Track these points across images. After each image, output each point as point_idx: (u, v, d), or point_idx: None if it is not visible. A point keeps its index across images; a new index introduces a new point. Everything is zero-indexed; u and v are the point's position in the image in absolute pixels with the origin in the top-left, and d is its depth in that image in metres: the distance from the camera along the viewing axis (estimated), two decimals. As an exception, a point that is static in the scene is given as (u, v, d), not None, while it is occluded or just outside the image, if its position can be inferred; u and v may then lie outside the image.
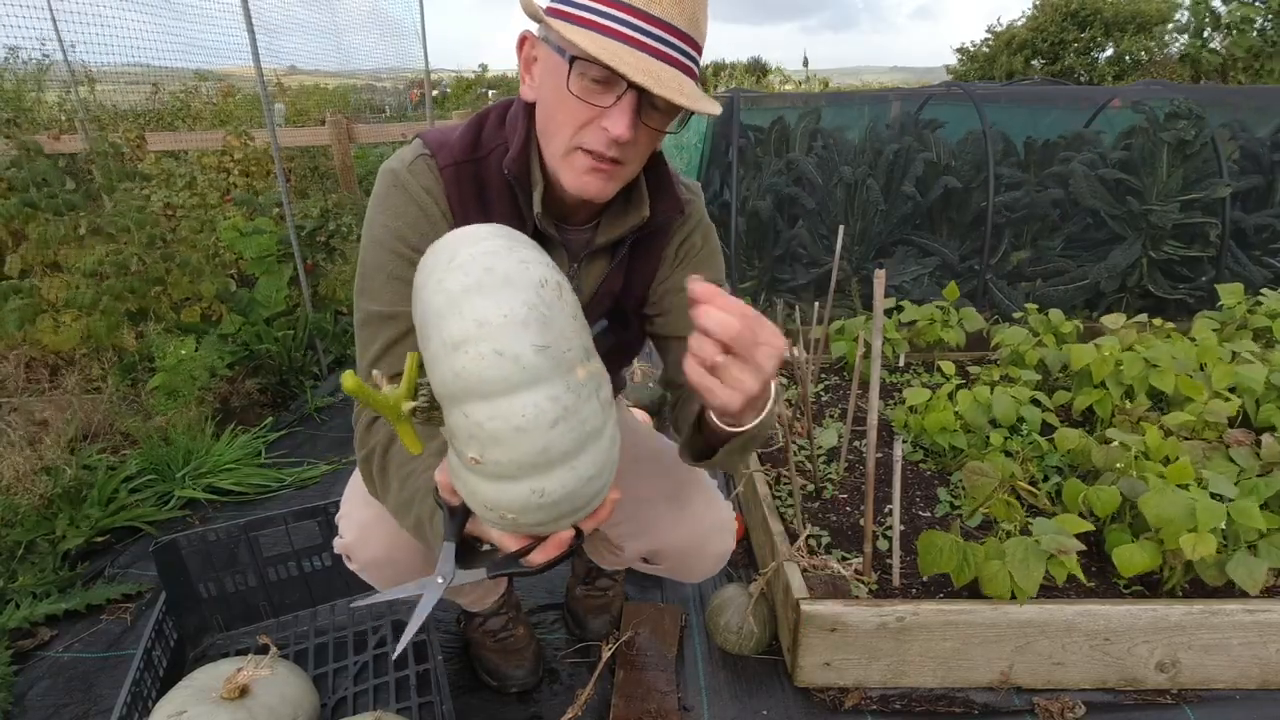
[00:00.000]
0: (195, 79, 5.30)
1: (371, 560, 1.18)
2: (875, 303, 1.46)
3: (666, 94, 0.83)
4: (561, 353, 0.66)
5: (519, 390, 0.64)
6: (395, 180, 1.02)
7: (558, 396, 0.66)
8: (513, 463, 0.66)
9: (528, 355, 0.64)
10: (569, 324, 0.69)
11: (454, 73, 11.25)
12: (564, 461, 0.67)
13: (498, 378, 0.64)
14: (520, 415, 0.64)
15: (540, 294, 0.67)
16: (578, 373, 0.68)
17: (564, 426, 0.66)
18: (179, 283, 2.64)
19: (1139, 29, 15.56)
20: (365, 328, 1.03)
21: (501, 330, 0.64)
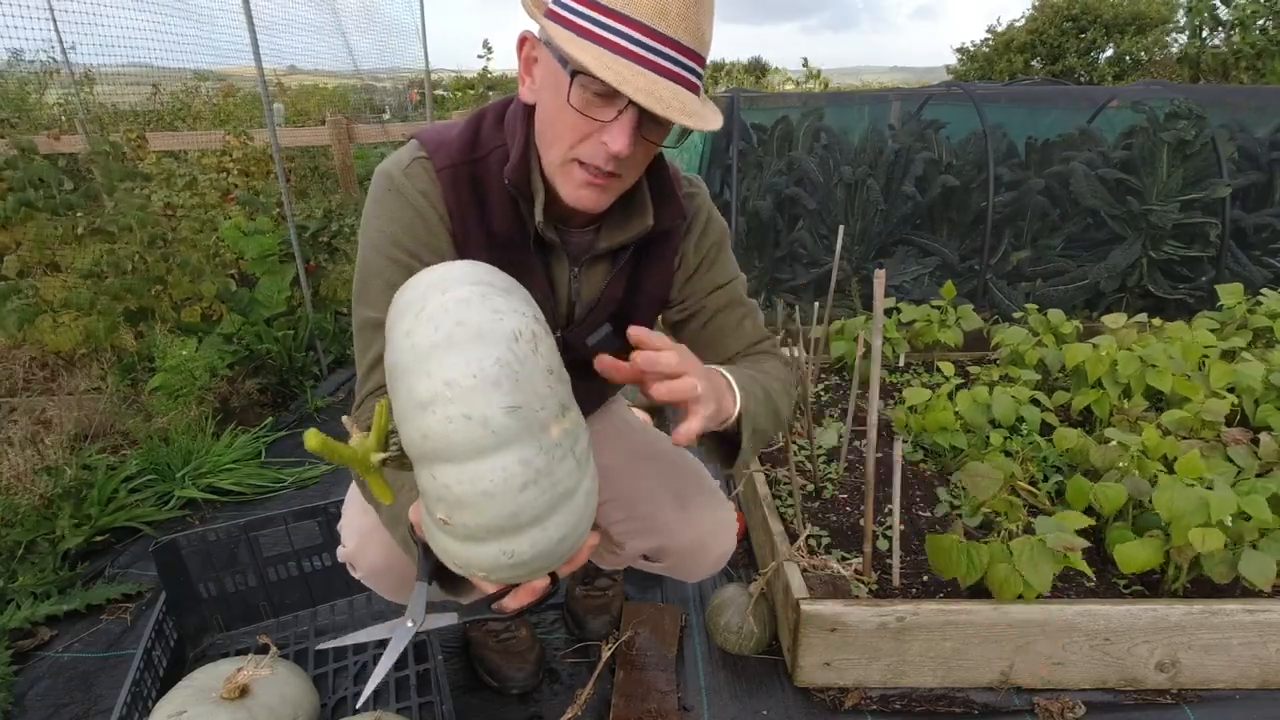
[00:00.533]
0: (195, 79, 5.30)
1: (372, 569, 1.18)
2: (875, 303, 1.46)
3: (670, 115, 0.82)
4: (534, 412, 0.63)
5: (487, 454, 0.62)
6: (391, 184, 1.00)
7: (528, 460, 0.63)
8: (480, 526, 0.64)
9: (497, 418, 0.61)
10: (543, 379, 0.66)
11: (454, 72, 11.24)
12: (535, 524, 0.65)
13: (465, 442, 0.61)
14: (488, 480, 0.62)
15: (514, 349, 0.63)
16: (551, 431, 0.65)
17: (534, 490, 0.64)
18: (179, 283, 2.64)
19: (1139, 30, 15.55)
20: (362, 333, 1.02)
21: (471, 392, 0.61)
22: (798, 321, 2.14)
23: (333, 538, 1.66)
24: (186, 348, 2.43)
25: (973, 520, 1.85)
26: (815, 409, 2.56)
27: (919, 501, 2.01)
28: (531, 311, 0.69)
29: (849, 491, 2.05)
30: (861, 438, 2.02)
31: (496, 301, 0.66)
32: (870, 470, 1.58)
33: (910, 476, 2.13)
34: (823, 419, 2.50)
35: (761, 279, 3.44)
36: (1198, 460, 1.62)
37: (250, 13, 2.67)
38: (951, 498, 2.00)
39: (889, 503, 1.62)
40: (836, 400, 2.66)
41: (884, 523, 1.87)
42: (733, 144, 3.41)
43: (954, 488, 2.05)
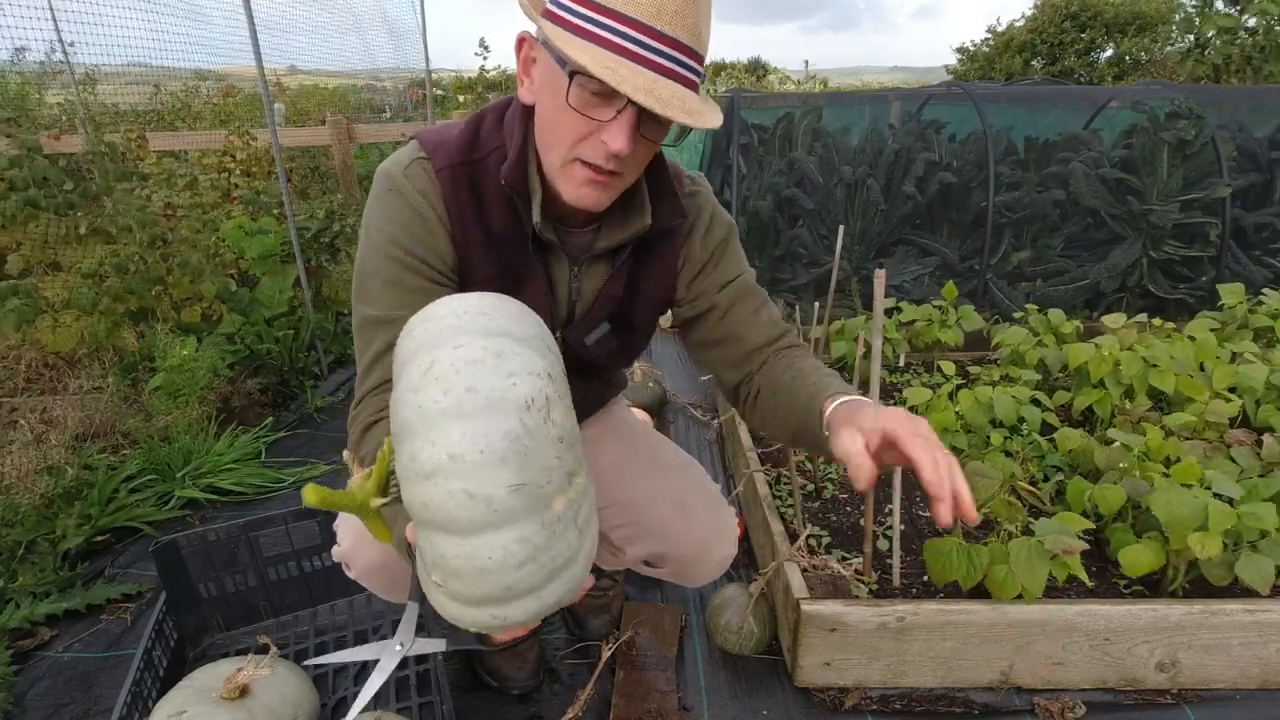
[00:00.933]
0: (195, 79, 5.30)
1: (367, 567, 1.18)
2: (875, 303, 1.46)
3: (669, 113, 0.82)
4: (538, 488, 0.61)
5: (486, 532, 0.60)
6: (391, 184, 1.00)
7: (528, 538, 0.61)
8: (474, 596, 0.63)
9: (501, 497, 0.59)
10: (552, 449, 0.63)
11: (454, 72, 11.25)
12: (529, 594, 0.64)
13: (466, 519, 0.59)
14: (486, 558, 0.60)
15: (524, 420, 0.60)
16: (555, 506, 0.63)
17: (531, 567, 0.62)
18: (179, 283, 2.64)
19: (1139, 30, 15.55)
20: (362, 332, 1.03)
21: (476, 469, 0.58)
22: (798, 321, 2.14)
23: (332, 538, 1.66)
24: (188, 348, 2.43)
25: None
26: (815, 409, 2.56)
27: (919, 501, 2.01)
28: (546, 365, 0.66)
29: (849, 491, 2.05)
30: (862, 438, 2.01)
31: (512, 363, 0.62)
32: (870, 470, 1.57)
33: (911, 476, 2.12)
34: (823, 419, 2.49)
35: (761, 279, 3.43)
36: (1194, 464, 1.61)
37: (251, 12, 2.67)
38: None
39: (889, 503, 1.62)
40: (837, 400, 2.65)
41: (884, 523, 1.87)
42: (733, 144, 3.41)
43: (954, 488, 2.05)
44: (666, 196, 1.07)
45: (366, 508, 0.68)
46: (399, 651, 0.80)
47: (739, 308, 1.17)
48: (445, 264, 1.03)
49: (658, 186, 1.07)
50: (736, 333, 1.17)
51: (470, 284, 1.06)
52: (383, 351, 1.00)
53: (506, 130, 1.01)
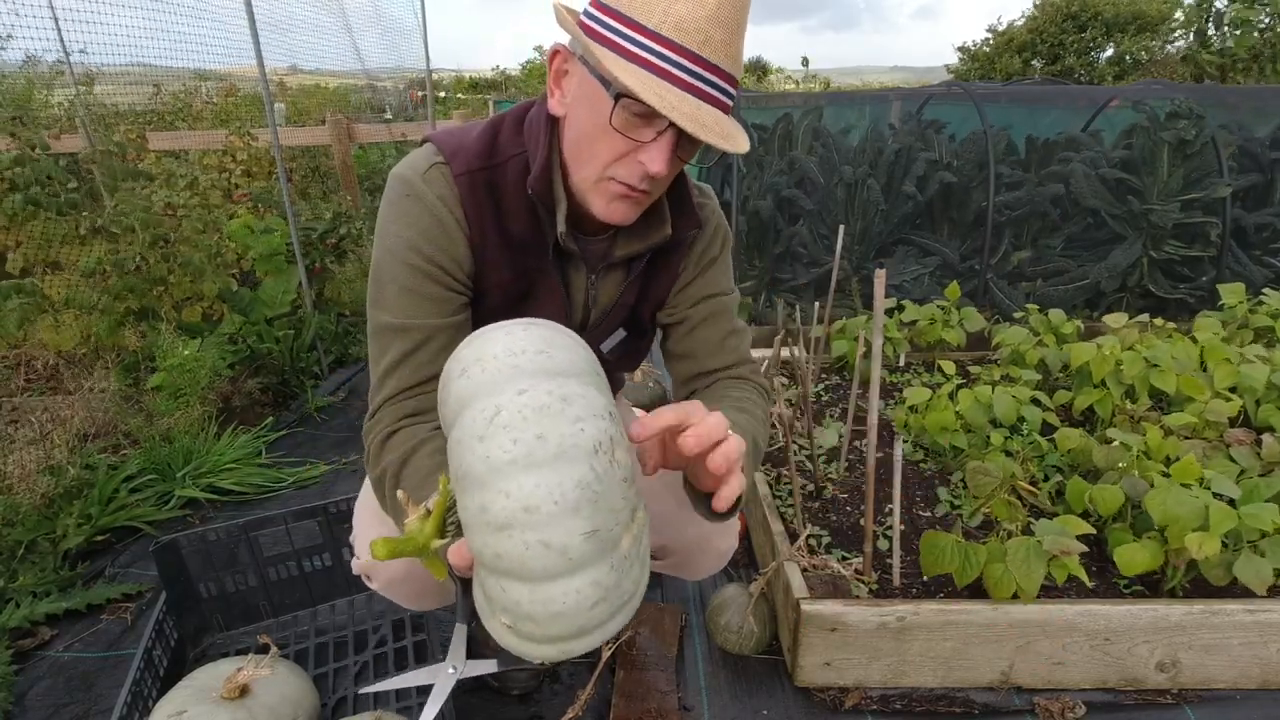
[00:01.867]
0: (196, 78, 5.30)
1: (391, 580, 1.17)
2: (875, 302, 1.46)
3: (712, 140, 0.82)
4: (609, 530, 0.62)
5: (561, 579, 0.60)
6: (409, 189, 0.98)
7: (600, 581, 0.62)
8: (546, 636, 0.63)
9: (576, 545, 0.59)
10: (620, 491, 0.63)
11: (454, 72, 11.25)
12: (596, 630, 0.65)
13: (541, 569, 0.59)
14: (560, 603, 0.61)
15: (594, 465, 0.60)
16: (623, 545, 0.64)
17: (603, 606, 0.63)
18: (181, 282, 2.64)
19: (1139, 29, 15.55)
20: (378, 339, 1.01)
21: (550, 520, 0.58)
22: (798, 321, 2.14)
23: (333, 537, 1.66)
24: (189, 348, 2.43)
25: (972, 520, 1.85)
26: (815, 409, 2.56)
27: (919, 501, 2.00)
28: (606, 403, 0.65)
29: (849, 491, 2.05)
30: (862, 437, 2.02)
31: (578, 407, 0.61)
32: (870, 470, 1.57)
33: (910, 476, 2.13)
34: (823, 419, 2.50)
35: (761, 279, 3.44)
36: (1194, 463, 1.61)
37: (252, 12, 2.67)
38: (952, 498, 2.00)
39: (889, 502, 1.62)
40: (836, 400, 2.66)
41: (884, 522, 1.87)
42: (733, 144, 3.40)
43: (954, 487, 2.05)
44: (685, 209, 1.08)
45: (428, 550, 0.67)
46: (452, 675, 0.80)
47: (707, 328, 1.17)
48: (463, 271, 1.01)
49: (678, 199, 1.07)
50: (696, 352, 1.17)
51: (487, 290, 1.05)
52: (399, 360, 0.99)
53: (528, 138, 1.00)
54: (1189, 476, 1.59)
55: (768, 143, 3.60)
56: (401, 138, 4.64)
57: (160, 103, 4.74)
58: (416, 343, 0.98)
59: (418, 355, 0.99)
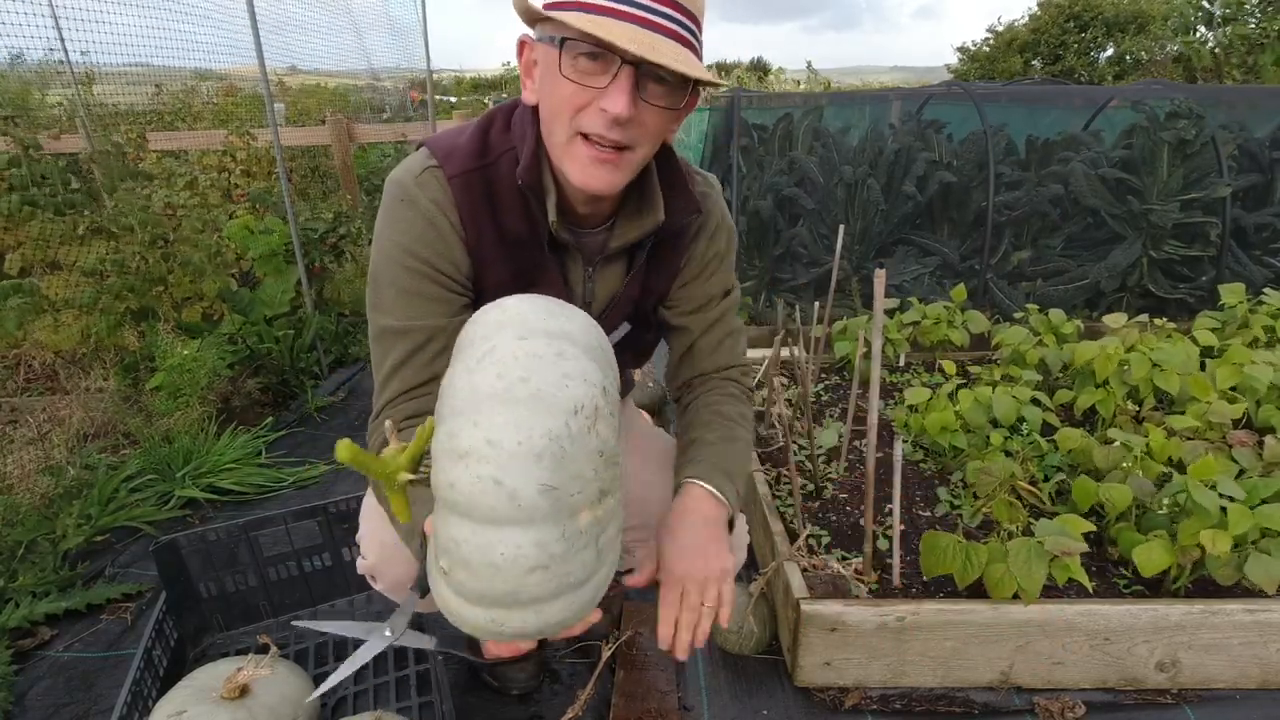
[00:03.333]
0: (196, 78, 5.30)
1: (397, 581, 1.17)
2: (875, 302, 1.45)
3: (662, 60, 0.81)
4: (568, 496, 0.60)
5: (505, 526, 0.59)
6: (404, 194, 0.99)
7: (545, 544, 0.60)
8: (476, 591, 0.62)
9: (528, 493, 0.58)
10: (589, 461, 0.62)
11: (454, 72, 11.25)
12: (532, 605, 0.63)
13: (488, 507, 0.58)
14: (498, 553, 0.59)
15: (569, 424, 0.59)
16: (580, 518, 0.62)
17: (541, 575, 0.61)
18: (180, 282, 2.64)
19: (1139, 29, 15.56)
20: (380, 342, 1.02)
21: (510, 459, 0.58)
22: (798, 321, 2.14)
23: (333, 537, 1.66)
24: (189, 348, 2.43)
25: (973, 521, 1.85)
26: (815, 409, 2.56)
27: (919, 501, 2.00)
28: (603, 379, 0.65)
29: (849, 491, 2.05)
30: (861, 437, 2.01)
31: (569, 365, 0.62)
32: (870, 470, 1.57)
33: (910, 476, 2.13)
34: (823, 419, 2.50)
35: (761, 279, 3.44)
36: (1212, 462, 1.61)
37: (254, 11, 2.67)
38: (952, 498, 2.00)
39: (889, 502, 1.62)
40: (836, 400, 2.66)
41: (884, 522, 1.87)
42: (733, 143, 3.41)
43: (954, 487, 2.05)
44: (679, 191, 1.06)
45: (394, 480, 0.66)
46: (387, 638, 0.79)
47: (708, 335, 1.21)
48: (461, 272, 1.02)
49: (670, 181, 1.05)
50: (694, 357, 1.22)
51: (486, 289, 1.05)
52: (400, 362, 1.00)
53: (516, 132, 1.01)
54: (1208, 474, 1.59)
55: (768, 143, 3.60)
56: (402, 138, 4.64)
57: (160, 103, 4.74)
58: (417, 344, 0.99)
59: (418, 357, 0.99)
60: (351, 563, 1.69)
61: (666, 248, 1.12)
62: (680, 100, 0.90)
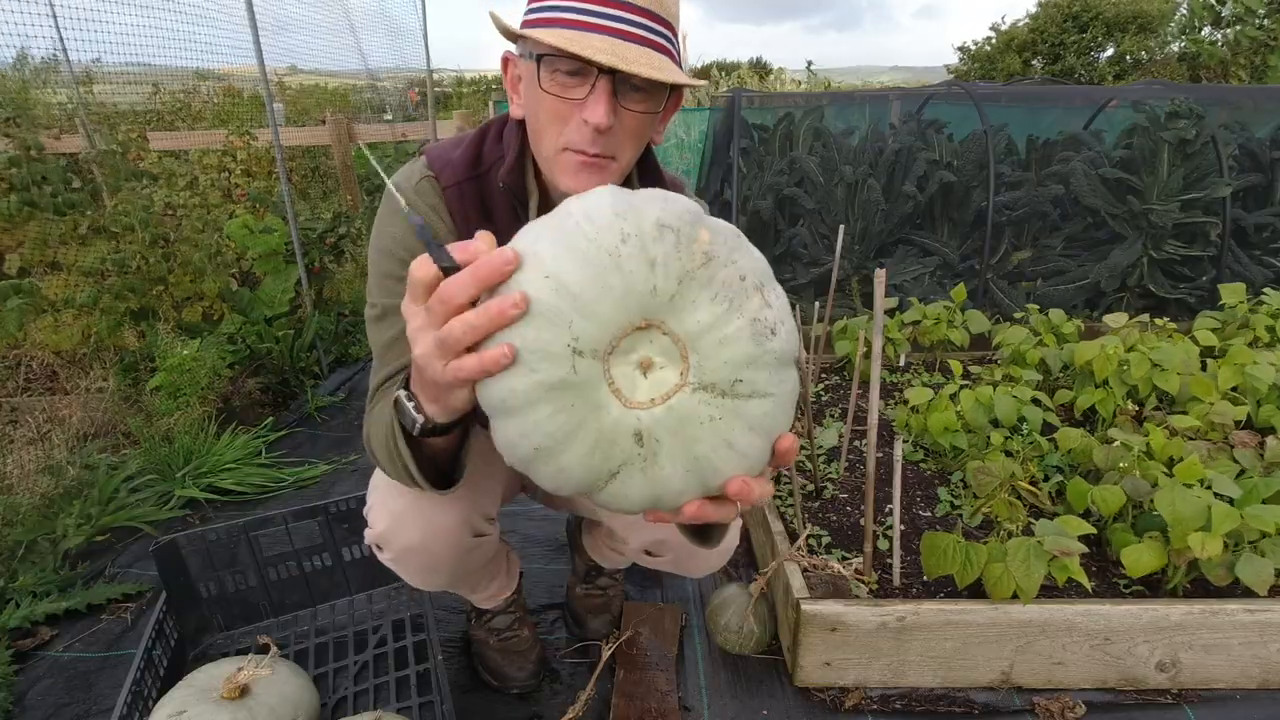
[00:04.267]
0: (195, 78, 5.29)
1: (406, 548, 1.17)
2: (875, 302, 1.46)
3: (636, 70, 0.84)
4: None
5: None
6: (403, 197, 1.04)
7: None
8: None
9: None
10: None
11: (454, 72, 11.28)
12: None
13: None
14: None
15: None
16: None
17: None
18: (181, 282, 2.64)
19: (1140, 29, 15.56)
20: (375, 326, 1.07)
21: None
22: (798, 321, 2.14)
23: (333, 537, 1.66)
24: (190, 348, 2.43)
25: (973, 521, 1.85)
26: (815, 409, 2.56)
27: (919, 501, 2.00)
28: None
29: (849, 491, 2.05)
30: (862, 438, 2.02)
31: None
32: (870, 470, 1.57)
33: (910, 476, 2.13)
34: (823, 419, 2.50)
35: (762, 279, 3.44)
36: (1196, 464, 1.61)
37: (253, 12, 2.67)
38: (952, 498, 2.00)
39: (889, 503, 1.62)
40: (836, 400, 2.66)
41: (884, 523, 1.87)
42: (734, 143, 3.41)
43: (954, 487, 2.05)
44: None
45: None
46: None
47: None
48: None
49: (648, 182, 1.08)
50: None
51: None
52: (392, 342, 1.04)
53: (505, 142, 1.06)
54: (1192, 476, 1.59)
55: (768, 143, 3.60)
56: (402, 138, 4.65)
57: (159, 102, 4.75)
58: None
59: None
60: (352, 562, 1.69)
61: None
62: (659, 104, 0.94)
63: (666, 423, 0.61)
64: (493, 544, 1.28)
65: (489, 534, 1.23)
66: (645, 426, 0.61)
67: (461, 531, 1.15)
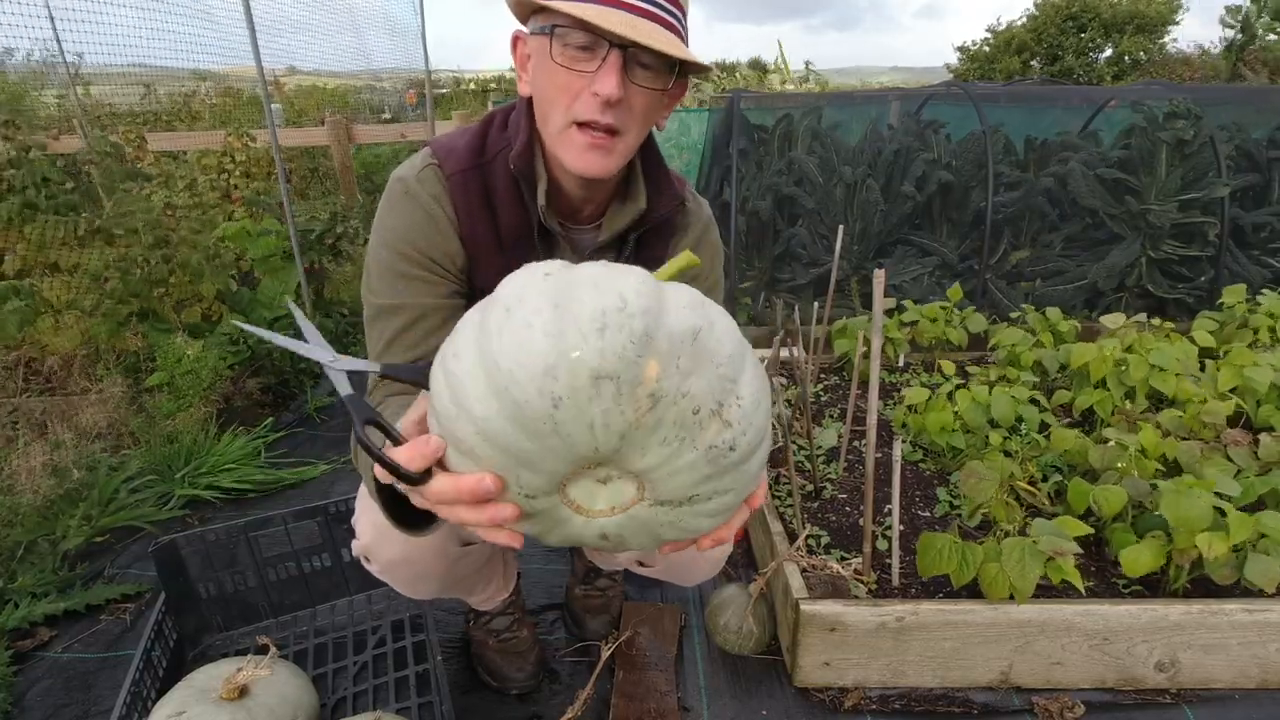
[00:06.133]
0: (194, 79, 5.30)
1: (390, 561, 1.18)
2: (875, 302, 1.46)
3: (648, 42, 0.85)
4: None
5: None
6: (405, 188, 1.05)
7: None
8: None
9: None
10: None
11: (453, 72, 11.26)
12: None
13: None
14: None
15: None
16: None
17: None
18: (180, 283, 2.64)
19: (1138, 29, 15.58)
20: (374, 323, 1.07)
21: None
22: (797, 321, 2.14)
23: (333, 537, 1.66)
24: (192, 349, 2.43)
25: (971, 521, 1.85)
26: (814, 409, 2.56)
27: (919, 501, 2.01)
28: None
29: (848, 491, 2.05)
30: (861, 438, 2.02)
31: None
32: (870, 470, 1.58)
33: (909, 476, 2.13)
34: (822, 419, 2.50)
35: (760, 279, 3.45)
36: (1211, 480, 1.61)
37: (250, 12, 2.67)
38: (951, 498, 2.00)
39: (888, 503, 1.62)
40: (836, 400, 2.66)
41: (883, 523, 1.87)
42: (733, 143, 3.41)
43: (953, 488, 2.05)
44: (661, 181, 1.11)
45: None
46: (329, 361, 0.77)
47: None
48: (455, 264, 1.07)
49: (651, 172, 1.10)
50: None
51: (481, 284, 1.10)
52: (391, 338, 1.04)
53: (512, 126, 1.06)
54: (1200, 488, 1.59)
55: (767, 143, 3.60)
56: (401, 138, 4.64)
57: (157, 103, 4.75)
58: (408, 321, 1.04)
59: (409, 334, 1.04)
60: (351, 563, 1.69)
61: (655, 240, 1.15)
62: (667, 82, 0.95)
63: (629, 526, 0.63)
64: (483, 550, 1.27)
65: (477, 540, 1.22)
66: (609, 529, 0.63)
67: (446, 542, 1.14)
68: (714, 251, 1.22)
